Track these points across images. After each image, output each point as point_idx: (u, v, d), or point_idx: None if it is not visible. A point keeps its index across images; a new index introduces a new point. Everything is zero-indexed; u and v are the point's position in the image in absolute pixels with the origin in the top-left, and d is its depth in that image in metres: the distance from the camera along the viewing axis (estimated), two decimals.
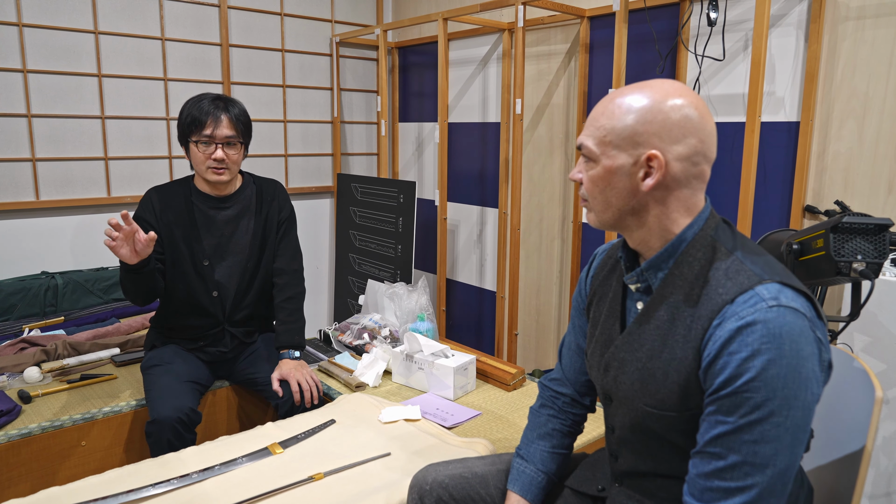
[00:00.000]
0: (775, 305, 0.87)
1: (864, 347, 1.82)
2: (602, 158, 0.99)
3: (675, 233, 0.99)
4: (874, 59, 1.99)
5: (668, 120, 0.95)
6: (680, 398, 0.95)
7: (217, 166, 1.94)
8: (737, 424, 0.87)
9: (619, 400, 1.07)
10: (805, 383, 0.86)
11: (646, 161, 0.96)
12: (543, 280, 3.12)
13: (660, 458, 1.04)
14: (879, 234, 1.36)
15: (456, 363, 2.01)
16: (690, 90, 0.99)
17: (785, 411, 0.85)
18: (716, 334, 0.90)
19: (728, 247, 0.97)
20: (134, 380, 2.14)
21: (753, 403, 0.86)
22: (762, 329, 0.86)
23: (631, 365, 1.03)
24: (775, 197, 2.24)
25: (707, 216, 1.00)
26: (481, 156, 3.34)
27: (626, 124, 0.96)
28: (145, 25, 2.96)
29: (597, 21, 2.72)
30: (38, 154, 2.76)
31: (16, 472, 1.76)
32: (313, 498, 1.42)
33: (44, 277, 2.68)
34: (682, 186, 0.97)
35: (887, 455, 1.78)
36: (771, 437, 0.86)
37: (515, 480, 1.23)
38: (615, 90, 1.03)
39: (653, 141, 0.95)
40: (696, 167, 0.97)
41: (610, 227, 1.04)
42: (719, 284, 0.93)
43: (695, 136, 0.96)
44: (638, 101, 0.97)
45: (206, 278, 2.02)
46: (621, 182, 0.98)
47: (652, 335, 1.00)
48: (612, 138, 0.97)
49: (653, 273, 1.02)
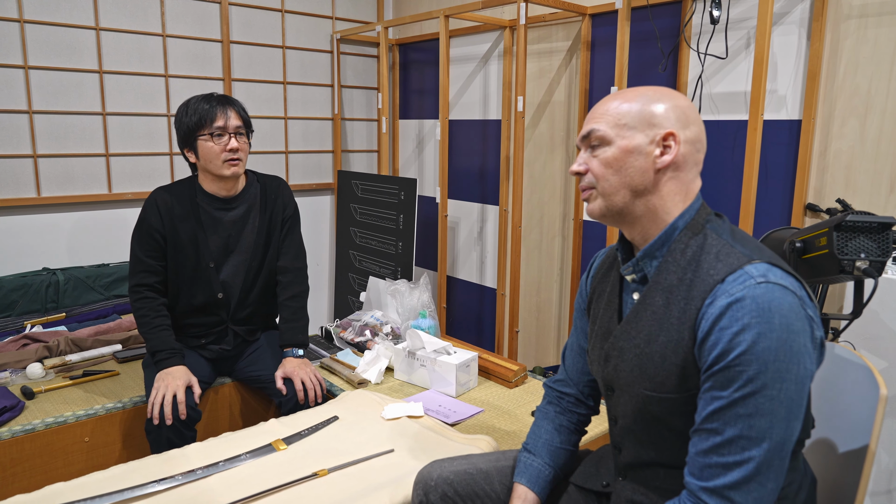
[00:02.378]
0: (763, 282, 0.90)
1: (867, 345, 1.82)
2: (617, 139, 1.03)
3: (668, 221, 1.03)
4: (876, 58, 1.99)
5: (678, 106, 1.03)
6: (679, 379, 0.98)
7: (233, 157, 1.94)
8: (731, 398, 0.89)
9: (621, 388, 1.09)
10: (797, 357, 0.88)
11: (662, 139, 1.01)
12: (544, 277, 3.12)
13: (662, 446, 1.06)
14: (883, 233, 1.37)
15: (458, 360, 2.01)
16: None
17: (778, 384, 0.88)
18: (708, 312, 0.93)
19: (718, 233, 1.01)
20: (136, 376, 2.14)
21: (746, 377, 0.88)
22: (751, 304, 0.89)
23: (629, 352, 1.06)
24: (777, 195, 2.25)
25: (699, 206, 1.05)
26: (482, 153, 3.34)
27: (642, 107, 1.03)
28: (146, 22, 2.96)
29: (598, 18, 2.72)
30: (39, 150, 2.75)
31: (19, 468, 1.76)
32: (318, 494, 1.43)
33: (45, 274, 2.68)
34: (686, 169, 1.04)
35: (888, 452, 1.79)
36: (765, 410, 0.88)
37: (522, 473, 1.24)
38: (614, 93, 1.09)
39: (667, 123, 1.02)
40: (698, 153, 1.05)
41: (615, 213, 1.06)
42: (710, 266, 0.97)
43: (696, 125, 1.04)
44: (648, 92, 1.05)
45: (212, 279, 2.02)
46: (637, 161, 1.02)
47: (649, 321, 1.03)
48: (628, 120, 1.03)
49: (648, 261, 1.05)
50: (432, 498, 1.25)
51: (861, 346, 1.82)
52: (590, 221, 2.86)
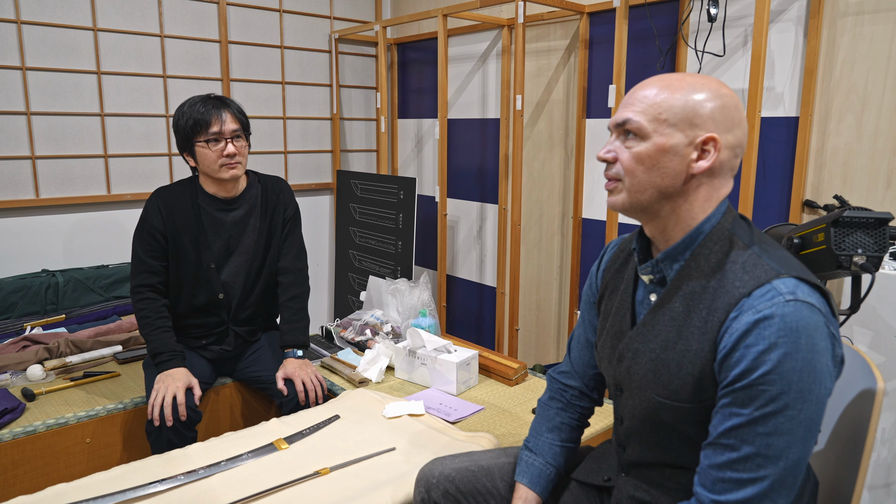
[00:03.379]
0: (792, 300, 0.88)
1: (864, 340, 1.83)
2: (654, 135, 0.97)
3: (694, 224, 1.00)
4: (873, 55, 2.00)
5: (726, 107, 0.96)
6: (693, 389, 0.96)
7: (230, 162, 1.93)
8: (751, 417, 0.88)
9: (631, 391, 1.07)
10: (819, 377, 0.87)
11: (701, 143, 0.96)
12: (543, 275, 3.13)
13: (668, 448, 1.05)
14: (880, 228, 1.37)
15: (459, 358, 2.02)
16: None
17: (799, 404, 0.86)
18: (732, 327, 0.91)
19: (745, 241, 0.98)
20: (137, 377, 2.14)
21: (769, 396, 0.87)
22: (779, 323, 0.87)
23: (644, 356, 1.03)
24: (774, 192, 2.26)
25: (724, 210, 1.01)
26: (481, 152, 3.34)
27: (686, 104, 0.96)
28: (144, 22, 2.96)
29: (596, 17, 2.73)
30: (37, 152, 2.75)
31: (21, 470, 1.76)
32: (320, 492, 1.43)
33: (44, 275, 2.68)
34: (721, 175, 0.99)
35: (886, 446, 1.80)
36: (785, 429, 0.87)
37: (524, 473, 1.24)
38: (657, 76, 1.01)
39: (709, 125, 0.95)
40: (736, 158, 1.00)
41: (639, 210, 1.01)
42: (736, 277, 0.94)
43: (741, 129, 0.98)
44: (697, 84, 0.97)
45: (213, 280, 2.02)
46: (671, 162, 0.97)
47: (667, 326, 1.01)
48: (669, 116, 0.96)
49: (668, 264, 1.02)
50: (434, 495, 1.25)
51: (859, 340, 1.83)
52: (589, 219, 2.87)
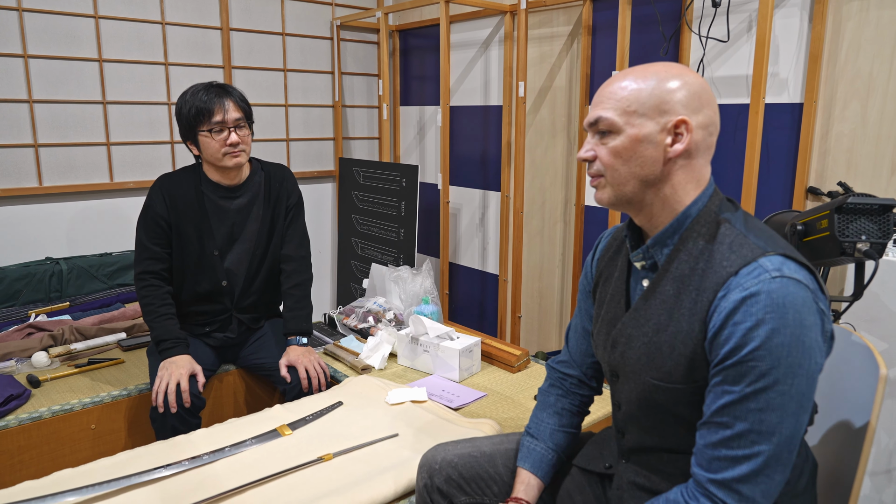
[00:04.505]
0: (778, 276, 0.89)
1: (867, 327, 1.83)
2: (626, 128, 0.99)
3: (680, 209, 1.01)
4: (878, 40, 1.98)
5: (691, 90, 0.99)
6: (686, 370, 0.97)
7: (234, 150, 1.93)
8: (743, 393, 0.89)
9: (626, 375, 1.08)
10: (808, 352, 0.88)
11: (673, 127, 0.98)
12: (546, 263, 3.13)
13: (666, 432, 1.06)
14: (883, 215, 1.37)
15: (461, 345, 2.02)
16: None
17: (790, 379, 0.88)
18: (721, 305, 0.92)
19: (732, 222, 0.99)
20: (141, 364, 2.16)
21: (759, 372, 0.88)
22: (766, 299, 0.88)
23: (638, 340, 1.05)
24: (778, 178, 2.25)
25: (711, 192, 1.02)
26: (483, 139, 3.33)
27: (651, 93, 0.98)
28: (145, 9, 2.95)
29: (599, 3, 2.71)
30: (40, 140, 2.75)
31: (27, 456, 1.78)
32: (323, 478, 1.44)
33: (48, 263, 2.69)
34: (699, 155, 1.00)
35: (888, 432, 1.81)
36: (776, 405, 0.88)
37: (526, 458, 1.24)
38: (622, 71, 1.04)
39: (678, 109, 0.98)
40: (711, 137, 1.01)
41: (625, 202, 1.04)
42: (723, 257, 0.95)
43: (710, 108, 1.00)
44: (658, 73, 1.00)
45: (216, 267, 2.02)
46: (647, 150, 0.99)
47: (658, 310, 1.02)
48: (637, 107, 0.98)
49: (658, 249, 1.04)
50: (437, 481, 1.26)
51: (861, 327, 1.83)
52: (592, 206, 2.86)
